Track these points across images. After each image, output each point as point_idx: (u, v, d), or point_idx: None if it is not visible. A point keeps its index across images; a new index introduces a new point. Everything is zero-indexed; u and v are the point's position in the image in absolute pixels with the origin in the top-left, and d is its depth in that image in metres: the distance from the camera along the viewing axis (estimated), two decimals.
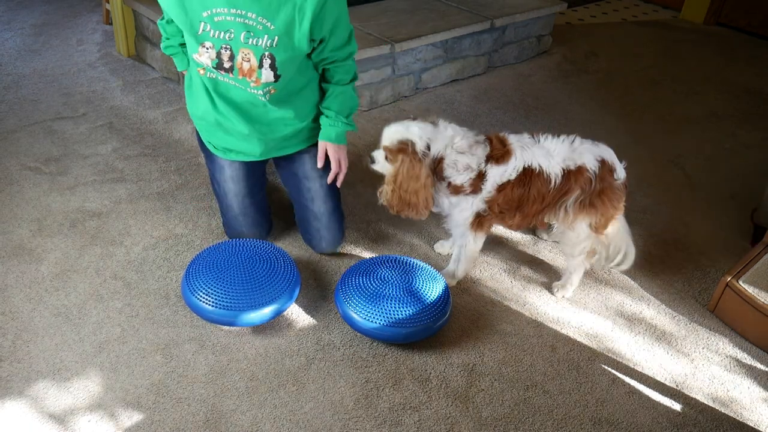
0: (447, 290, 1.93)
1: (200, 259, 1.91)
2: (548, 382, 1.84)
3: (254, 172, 2.14)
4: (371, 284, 1.88)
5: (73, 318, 1.90)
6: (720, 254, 2.37)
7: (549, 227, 2.26)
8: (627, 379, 1.87)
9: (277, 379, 1.78)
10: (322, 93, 2.05)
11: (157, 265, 2.11)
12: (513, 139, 1.93)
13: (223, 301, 1.79)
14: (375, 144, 2.00)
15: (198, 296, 1.81)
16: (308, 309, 2.00)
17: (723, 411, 1.80)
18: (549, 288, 2.16)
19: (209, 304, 1.80)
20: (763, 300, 1.97)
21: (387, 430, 1.67)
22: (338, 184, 2.11)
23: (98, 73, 3.30)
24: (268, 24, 1.76)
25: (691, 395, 1.84)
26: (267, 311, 1.82)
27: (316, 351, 1.87)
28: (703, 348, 2.00)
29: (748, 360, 1.97)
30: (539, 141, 1.93)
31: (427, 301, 1.85)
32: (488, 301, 2.09)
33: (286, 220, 2.34)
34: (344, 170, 2.09)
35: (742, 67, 4.00)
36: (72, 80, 3.21)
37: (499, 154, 1.89)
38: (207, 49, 1.81)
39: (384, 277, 1.91)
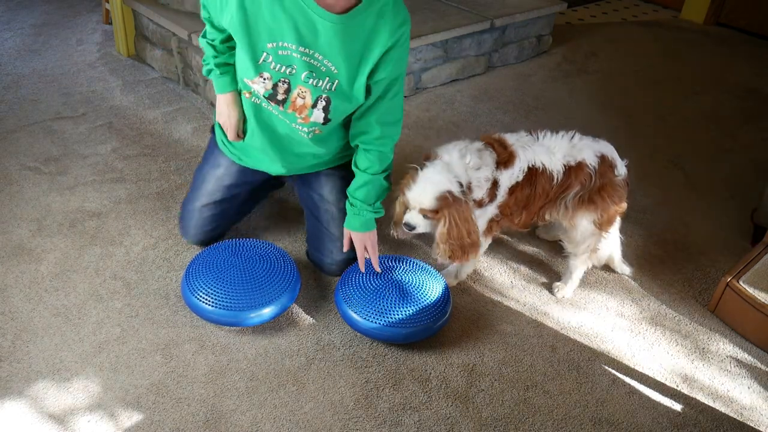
0: (447, 290, 1.92)
1: (200, 259, 1.91)
2: (548, 382, 1.84)
3: (246, 195, 2.09)
4: (371, 284, 1.88)
5: (72, 318, 1.90)
6: (720, 254, 2.37)
7: (549, 226, 2.26)
8: (627, 379, 1.87)
9: (277, 379, 1.78)
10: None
11: (156, 265, 2.11)
12: (512, 140, 1.91)
13: (223, 301, 1.79)
14: None
15: (198, 296, 1.81)
16: (308, 309, 2.00)
17: (723, 411, 1.80)
18: (549, 288, 2.16)
19: (209, 304, 1.80)
20: (763, 300, 1.97)
21: (387, 430, 1.67)
22: (375, 268, 1.93)
23: (98, 72, 3.30)
24: (332, 67, 1.68)
25: (691, 395, 1.84)
26: (267, 311, 1.82)
27: (316, 351, 1.87)
28: (703, 348, 1.99)
29: (748, 360, 1.96)
30: (538, 138, 1.92)
31: (427, 301, 1.85)
32: (488, 301, 2.09)
33: (287, 220, 2.34)
34: (373, 255, 1.94)
35: (742, 67, 4.00)
36: (72, 80, 3.21)
37: (505, 158, 1.86)
38: (264, 80, 1.72)
39: (384, 277, 1.91)
